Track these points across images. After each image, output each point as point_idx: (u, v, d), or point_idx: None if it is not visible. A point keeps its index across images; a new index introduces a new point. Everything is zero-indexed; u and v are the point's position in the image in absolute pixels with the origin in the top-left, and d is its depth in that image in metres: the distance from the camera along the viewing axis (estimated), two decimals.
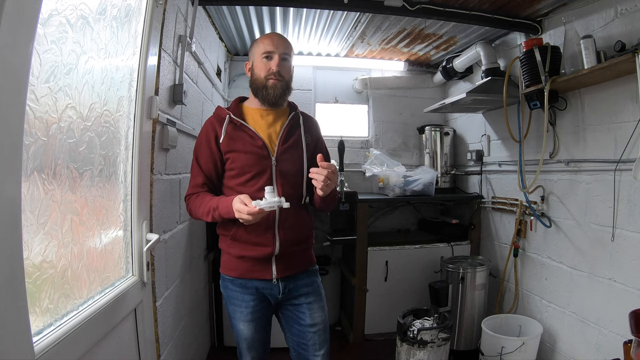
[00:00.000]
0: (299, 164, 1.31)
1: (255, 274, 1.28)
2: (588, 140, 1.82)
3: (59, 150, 0.80)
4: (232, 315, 1.33)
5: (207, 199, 1.23)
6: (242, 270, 1.28)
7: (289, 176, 1.29)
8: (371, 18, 2.19)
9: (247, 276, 1.28)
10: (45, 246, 0.76)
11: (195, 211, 1.26)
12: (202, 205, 1.23)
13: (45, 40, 0.73)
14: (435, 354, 1.86)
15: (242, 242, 1.26)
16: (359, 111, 3.27)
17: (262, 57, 1.26)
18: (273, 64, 1.25)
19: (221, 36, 2.60)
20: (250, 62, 1.32)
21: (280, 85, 1.26)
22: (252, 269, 1.28)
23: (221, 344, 2.40)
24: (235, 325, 1.32)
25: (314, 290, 1.35)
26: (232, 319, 1.33)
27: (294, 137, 1.32)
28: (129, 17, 1.11)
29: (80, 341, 0.83)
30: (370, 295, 2.51)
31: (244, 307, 1.29)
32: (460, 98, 2.25)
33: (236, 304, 1.30)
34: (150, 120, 1.29)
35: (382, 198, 2.68)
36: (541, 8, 1.96)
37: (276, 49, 1.25)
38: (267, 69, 1.26)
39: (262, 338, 1.33)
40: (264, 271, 1.27)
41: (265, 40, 1.27)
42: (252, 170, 1.25)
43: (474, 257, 2.50)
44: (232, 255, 1.29)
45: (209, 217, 1.21)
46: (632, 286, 1.57)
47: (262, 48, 1.27)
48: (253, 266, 1.27)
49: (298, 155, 1.31)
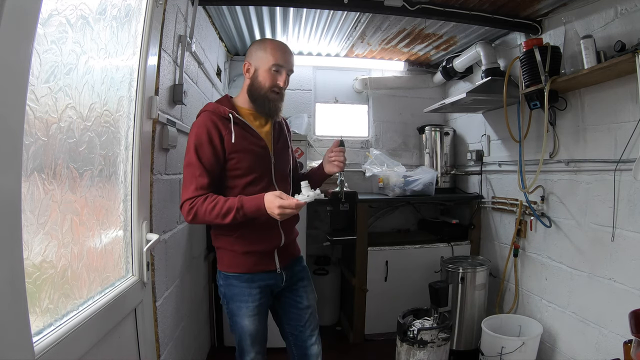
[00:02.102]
0: (288, 162, 1.41)
1: (262, 267, 1.31)
2: (588, 140, 1.82)
3: (59, 150, 0.80)
4: (235, 312, 1.30)
5: (222, 200, 1.16)
6: (249, 265, 1.29)
7: (283, 174, 1.37)
8: (371, 18, 2.19)
9: (253, 270, 1.30)
10: (45, 246, 0.76)
11: (205, 214, 1.16)
12: (217, 206, 1.15)
13: (45, 40, 0.73)
14: (435, 354, 1.86)
15: (248, 239, 1.27)
16: (359, 111, 3.27)
17: (271, 69, 1.25)
18: (281, 80, 1.27)
19: (221, 36, 2.60)
20: (253, 67, 1.28)
21: (280, 98, 1.30)
22: (259, 263, 1.30)
23: (221, 344, 2.40)
24: (239, 322, 1.30)
25: (306, 275, 1.46)
26: (236, 317, 1.31)
27: (282, 137, 1.39)
28: (129, 17, 1.11)
29: (80, 341, 0.83)
30: (370, 295, 2.51)
31: (251, 302, 1.29)
32: (460, 98, 2.25)
33: (242, 299, 1.29)
34: (150, 120, 1.29)
35: (382, 198, 2.68)
36: (541, 8, 1.96)
37: (286, 64, 1.27)
38: (273, 81, 1.26)
39: (264, 331, 1.36)
40: (269, 263, 1.32)
41: (277, 53, 1.26)
42: (258, 171, 1.27)
43: (474, 257, 2.50)
44: (237, 252, 1.29)
45: (228, 219, 1.14)
46: (632, 286, 1.57)
47: (272, 59, 1.25)
48: (259, 260, 1.30)
49: (287, 154, 1.40)
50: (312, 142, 3.09)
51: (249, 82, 1.29)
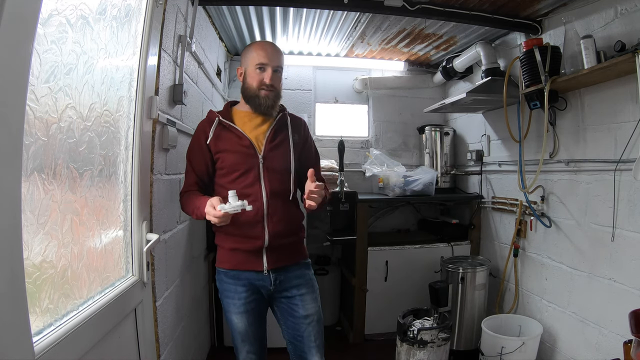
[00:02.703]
0: (286, 162, 1.38)
1: (248, 265, 1.33)
2: (588, 140, 1.82)
3: (59, 150, 0.80)
4: (226, 308, 1.37)
5: (192, 198, 1.31)
6: (235, 262, 1.34)
7: (276, 173, 1.36)
8: (371, 18, 2.19)
9: (240, 267, 1.33)
10: (45, 246, 0.76)
11: (185, 208, 1.36)
12: (189, 203, 1.31)
13: (45, 40, 0.73)
14: (435, 354, 1.86)
15: (235, 236, 1.32)
16: (359, 111, 3.27)
17: (256, 68, 1.31)
18: (266, 76, 1.30)
19: (221, 36, 2.60)
20: (243, 69, 1.36)
21: (272, 95, 1.33)
22: (245, 261, 1.33)
23: (221, 344, 2.40)
24: (229, 318, 1.36)
25: (305, 282, 1.39)
26: (226, 312, 1.37)
27: (281, 137, 1.39)
28: (129, 17, 1.11)
29: (80, 341, 0.83)
30: (370, 295, 2.51)
31: (237, 299, 1.33)
32: (460, 98, 2.25)
33: (229, 296, 1.34)
34: (150, 120, 1.29)
35: (382, 198, 2.67)
36: (541, 8, 1.96)
37: (270, 62, 1.31)
38: (259, 80, 1.31)
39: (256, 332, 1.36)
40: (255, 263, 1.33)
41: (260, 51, 1.31)
42: (240, 169, 1.31)
43: (474, 257, 2.50)
44: (226, 248, 1.35)
45: (194, 215, 1.28)
46: (632, 286, 1.57)
47: (255, 59, 1.31)
48: (246, 258, 1.33)
49: (285, 154, 1.38)
50: None
51: (242, 85, 1.37)
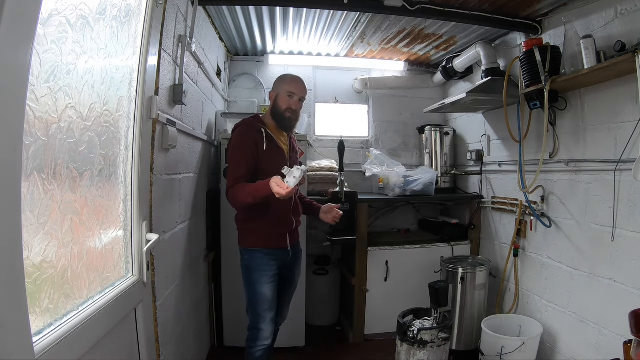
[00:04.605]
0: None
1: (279, 244, 1.71)
2: (588, 140, 1.82)
3: (59, 150, 0.80)
4: (257, 280, 1.66)
5: (247, 186, 1.56)
6: (272, 241, 1.69)
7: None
8: (371, 18, 2.19)
9: (274, 246, 1.70)
10: (45, 246, 0.76)
11: (238, 196, 1.54)
12: (244, 189, 1.53)
13: (45, 40, 0.73)
14: (435, 354, 1.86)
15: (274, 222, 1.67)
16: (359, 111, 3.28)
17: (287, 95, 1.67)
18: (293, 103, 1.68)
19: (221, 36, 2.60)
20: (275, 94, 1.71)
21: (294, 117, 1.71)
22: (278, 241, 1.71)
23: (221, 344, 2.39)
24: (260, 289, 1.65)
25: (300, 255, 1.93)
26: (257, 285, 1.65)
27: (294, 149, 1.84)
28: (129, 17, 1.11)
29: (80, 341, 0.83)
30: (370, 295, 2.51)
31: (270, 270, 1.67)
32: (460, 98, 2.25)
33: (264, 269, 1.66)
34: (150, 120, 1.29)
35: (382, 198, 2.68)
36: (541, 8, 1.96)
37: (298, 93, 1.69)
38: (288, 104, 1.68)
39: (277, 299, 1.72)
40: (283, 242, 1.73)
41: (292, 84, 1.69)
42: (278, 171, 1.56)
43: (474, 257, 2.50)
44: (261, 232, 1.67)
45: (251, 198, 1.50)
46: (632, 286, 1.57)
47: (288, 88, 1.68)
48: (279, 238, 1.71)
49: (294, 162, 1.77)
50: (312, 142, 3.09)
51: (272, 105, 1.71)
